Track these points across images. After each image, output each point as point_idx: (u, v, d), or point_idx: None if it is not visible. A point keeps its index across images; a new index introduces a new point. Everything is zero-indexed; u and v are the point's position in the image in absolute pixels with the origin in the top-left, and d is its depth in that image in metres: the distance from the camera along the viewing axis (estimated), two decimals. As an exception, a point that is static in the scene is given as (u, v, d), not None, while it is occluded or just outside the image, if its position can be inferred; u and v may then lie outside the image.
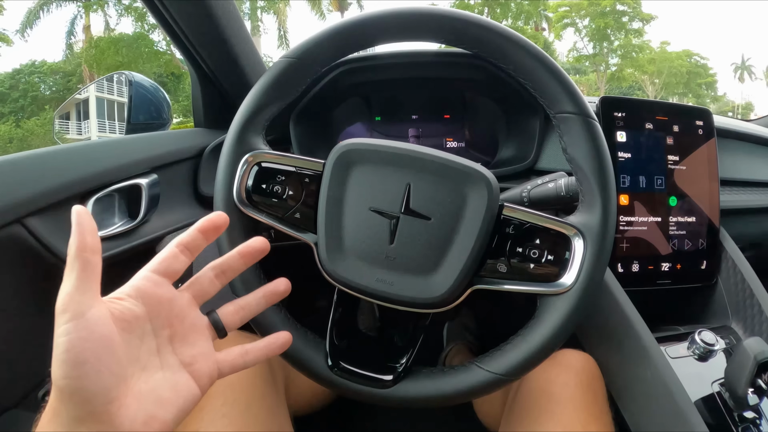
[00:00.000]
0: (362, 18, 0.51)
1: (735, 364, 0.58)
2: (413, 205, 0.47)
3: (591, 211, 0.48)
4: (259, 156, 0.50)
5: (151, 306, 0.36)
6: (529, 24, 22.69)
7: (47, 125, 17.66)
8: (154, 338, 0.36)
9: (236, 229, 0.50)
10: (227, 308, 0.41)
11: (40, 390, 0.59)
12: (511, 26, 21.15)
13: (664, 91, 24.87)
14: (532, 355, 0.47)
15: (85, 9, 17.30)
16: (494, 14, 21.42)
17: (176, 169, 0.75)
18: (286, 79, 0.52)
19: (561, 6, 23.00)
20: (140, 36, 16.78)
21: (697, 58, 24.84)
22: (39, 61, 20.71)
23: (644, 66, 23.33)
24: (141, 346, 0.35)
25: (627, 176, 0.77)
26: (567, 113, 0.49)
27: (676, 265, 0.79)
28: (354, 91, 0.89)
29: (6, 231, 0.49)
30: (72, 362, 0.30)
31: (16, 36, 17.11)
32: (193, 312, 0.39)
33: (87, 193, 0.59)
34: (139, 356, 0.35)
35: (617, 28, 22.61)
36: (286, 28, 20.20)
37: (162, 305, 0.36)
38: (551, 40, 25.01)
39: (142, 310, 0.35)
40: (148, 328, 0.36)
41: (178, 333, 0.38)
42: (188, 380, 0.36)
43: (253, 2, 19.17)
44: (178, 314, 0.38)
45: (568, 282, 0.46)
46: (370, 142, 0.49)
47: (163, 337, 0.37)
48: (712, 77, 25.61)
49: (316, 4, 20.25)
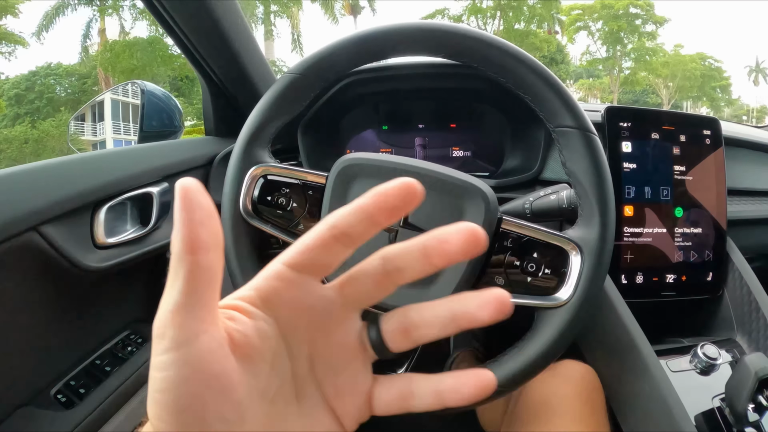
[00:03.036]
0: (366, 34, 0.53)
1: (736, 379, 0.58)
2: (412, 218, 0.48)
3: (589, 226, 0.48)
4: (264, 169, 0.52)
5: (284, 317, 0.25)
6: (542, 27, 22.58)
7: (62, 127, 17.85)
8: (289, 361, 0.25)
9: (242, 239, 0.51)
10: (392, 322, 0.26)
11: (52, 388, 0.61)
12: (524, 29, 21.20)
13: (678, 95, 24.62)
14: (529, 367, 0.48)
15: (100, 13, 17.47)
16: (507, 18, 21.32)
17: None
18: (291, 94, 0.53)
19: (574, 9, 22.85)
20: (155, 40, 16.91)
21: (711, 61, 24.51)
22: (55, 64, 20.93)
23: (658, 69, 23.09)
24: (271, 374, 0.24)
25: (632, 187, 0.77)
26: (566, 127, 0.49)
27: (681, 277, 0.78)
28: (362, 100, 0.90)
29: (21, 238, 0.51)
30: (169, 407, 0.21)
31: (32, 38, 17.33)
32: (346, 323, 0.26)
33: (100, 201, 0.60)
34: (267, 388, 0.24)
35: (630, 31, 22.41)
36: (299, 32, 20.25)
37: (300, 314, 0.25)
38: (564, 43, 24.93)
39: (272, 326, 0.24)
40: (282, 349, 0.25)
41: (322, 353, 0.26)
42: (329, 422, 0.25)
43: (267, 7, 19.26)
44: (322, 327, 0.26)
45: (564, 296, 0.47)
46: (370, 157, 0.50)
47: (302, 358, 0.25)
48: (727, 80, 25.24)
49: (329, 8, 20.30)
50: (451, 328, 0.24)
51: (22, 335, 0.56)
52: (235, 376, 0.22)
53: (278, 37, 20.15)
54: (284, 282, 0.24)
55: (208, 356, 0.21)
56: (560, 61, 25.06)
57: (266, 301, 0.24)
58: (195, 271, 0.20)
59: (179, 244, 0.20)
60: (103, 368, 0.66)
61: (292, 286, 0.24)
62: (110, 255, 0.61)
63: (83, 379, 0.63)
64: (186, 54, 0.79)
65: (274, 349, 0.24)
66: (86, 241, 0.59)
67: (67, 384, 0.62)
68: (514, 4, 21.00)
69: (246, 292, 0.24)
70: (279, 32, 20.40)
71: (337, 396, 0.26)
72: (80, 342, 0.65)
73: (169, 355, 0.20)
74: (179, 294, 0.20)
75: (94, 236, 0.60)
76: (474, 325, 0.24)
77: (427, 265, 0.24)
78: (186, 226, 0.20)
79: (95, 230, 0.60)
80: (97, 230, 0.60)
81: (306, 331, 0.25)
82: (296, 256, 0.24)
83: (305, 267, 0.24)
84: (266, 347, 0.24)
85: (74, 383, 0.63)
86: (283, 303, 0.24)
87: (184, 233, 0.20)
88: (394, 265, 0.25)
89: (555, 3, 21.83)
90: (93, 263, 0.58)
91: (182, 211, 0.20)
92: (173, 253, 0.21)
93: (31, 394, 0.59)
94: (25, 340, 0.57)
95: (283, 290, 0.24)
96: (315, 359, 0.26)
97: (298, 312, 0.25)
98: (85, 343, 0.65)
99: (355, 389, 0.26)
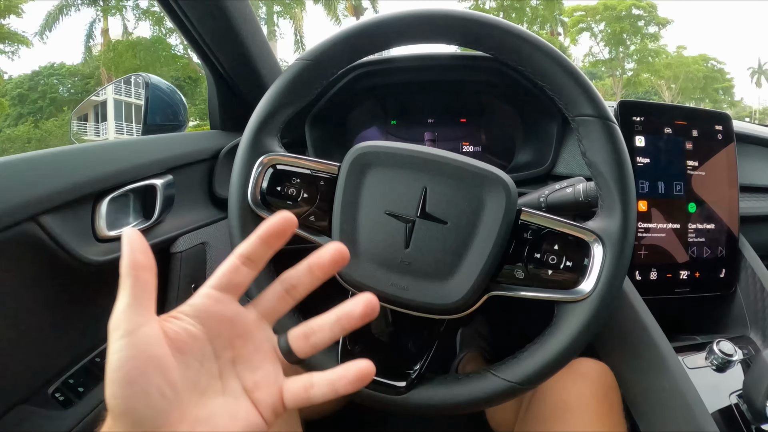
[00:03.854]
0: (378, 20, 0.51)
1: (753, 375, 0.58)
2: (429, 208, 0.46)
3: (611, 217, 0.47)
4: (274, 158, 0.50)
5: (211, 325, 0.33)
6: (545, 28, 22.62)
7: (65, 126, 17.95)
8: (216, 361, 0.33)
9: (250, 230, 0.50)
10: (296, 331, 0.35)
11: (50, 386, 0.59)
12: (526, 31, 21.22)
13: (681, 96, 24.65)
14: (549, 364, 0.47)
15: (104, 13, 17.56)
16: (509, 19, 21.27)
17: (191, 171, 0.75)
18: (302, 81, 0.52)
19: (577, 10, 22.93)
20: (158, 40, 17.00)
21: (713, 62, 24.60)
22: (58, 63, 21.14)
23: (660, 71, 23.15)
24: (201, 369, 0.32)
25: (646, 182, 0.76)
26: (586, 116, 0.48)
27: (694, 273, 0.78)
28: (370, 94, 0.90)
29: (20, 228, 0.50)
30: (120, 381, 0.28)
31: (35, 38, 17.41)
32: (259, 332, 0.35)
33: (102, 193, 0.59)
34: (198, 380, 0.32)
35: (633, 32, 22.47)
36: (302, 33, 20.33)
37: (223, 324, 0.33)
38: (567, 44, 24.93)
39: (200, 330, 0.32)
40: (209, 350, 0.33)
41: (242, 355, 0.34)
42: (249, 408, 0.33)
43: (270, 7, 19.33)
44: (241, 334, 0.34)
45: (586, 289, 0.46)
46: (386, 145, 0.49)
47: (226, 359, 0.34)
48: (729, 82, 25.33)
49: (331, 8, 20.36)
50: (337, 329, 0.34)
51: (18, 330, 0.55)
52: (169, 360, 0.30)
53: (281, 38, 20.30)
54: (210, 299, 0.33)
55: (149, 341, 0.29)
56: (563, 62, 25.09)
57: (197, 312, 0.32)
58: (136, 281, 0.30)
59: (126, 263, 0.30)
60: (102, 366, 0.64)
61: (216, 302, 0.33)
62: (112, 248, 0.60)
63: (82, 377, 0.62)
64: (193, 45, 0.78)
65: (203, 350, 0.32)
66: (87, 233, 0.58)
67: (65, 382, 0.61)
68: (516, 5, 21.09)
69: (183, 307, 0.33)
70: (282, 33, 20.50)
71: (255, 389, 0.33)
72: (79, 338, 0.63)
73: (121, 341, 0.28)
74: (128, 297, 0.29)
75: (96, 229, 0.59)
76: (352, 322, 0.33)
77: (313, 278, 0.34)
78: (131, 252, 0.30)
79: (97, 222, 0.58)
80: (98, 222, 0.59)
81: (228, 338, 0.33)
82: (216, 280, 0.33)
83: (224, 287, 0.33)
84: (196, 346, 0.32)
85: (73, 381, 0.61)
86: (209, 315, 0.33)
87: (130, 257, 0.30)
88: (289, 283, 0.35)
89: (558, 4, 21.91)
90: (94, 256, 0.57)
91: (127, 244, 0.30)
92: (122, 274, 0.30)
93: (29, 392, 0.57)
94: (22, 336, 0.55)
95: (210, 306, 0.33)
96: (236, 360, 0.34)
97: (221, 322, 0.33)
98: (86, 339, 0.64)
99: (268, 384, 0.34)
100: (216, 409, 0.31)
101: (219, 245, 0.78)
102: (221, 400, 0.32)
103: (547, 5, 21.40)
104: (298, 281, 0.35)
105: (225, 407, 0.32)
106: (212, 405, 0.32)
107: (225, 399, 0.32)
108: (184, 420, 0.30)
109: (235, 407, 0.32)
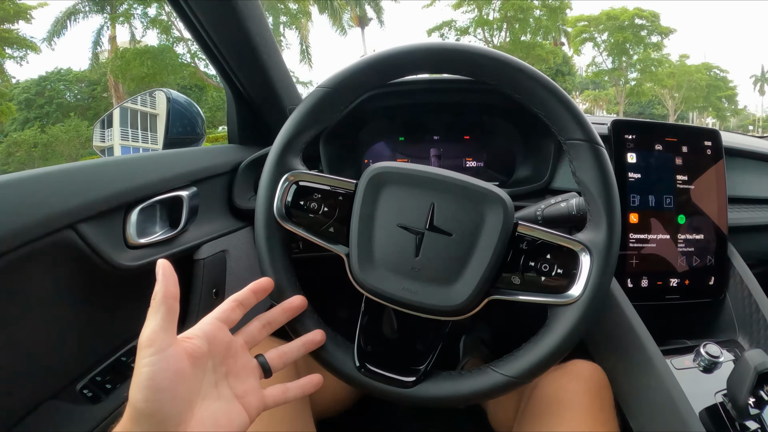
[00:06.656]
0: (393, 52, 0.56)
1: (736, 374, 0.60)
2: (437, 222, 0.52)
3: (597, 230, 0.52)
4: (297, 176, 0.56)
5: (213, 346, 0.44)
6: (548, 39, 22.59)
7: (71, 132, 17.94)
8: (214, 373, 0.44)
9: (275, 240, 0.55)
10: (272, 353, 0.50)
11: (78, 383, 0.61)
12: (530, 41, 21.14)
13: (684, 105, 24.46)
14: (543, 360, 0.51)
15: (111, 20, 17.54)
16: (513, 29, 21.33)
17: (213, 183, 0.79)
18: (322, 107, 0.57)
19: (579, 20, 22.78)
20: (165, 48, 16.93)
21: (716, 71, 24.29)
22: (65, 69, 21.13)
23: (664, 80, 22.96)
24: (204, 379, 0.43)
25: (637, 196, 0.80)
26: (576, 140, 0.53)
27: (684, 281, 0.81)
28: (380, 113, 0.95)
29: (59, 235, 0.52)
30: (153, 388, 0.37)
31: (43, 44, 17.43)
32: (244, 354, 0.48)
33: (133, 203, 0.62)
34: (201, 387, 0.42)
35: (636, 42, 22.31)
36: (308, 44, 20.32)
37: (221, 346, 0.45)
38: (570, 54, 24.87)
39: (207, 349, 0.43)
40: (210, 365, 0.44)
41: (232, 370, 0.46)
42: (240, 410, 0.44)
43: (276, 18, 19.30)
44: (233, 355, 0.46)
45: (576, 293, 0.51)
46: (398, 166, 0.54)
47: (221, 372, 0.45)
48: (732, 90, 25.01)
49: (337, 19, 20.36)
50: (303, 350, 0.52)
51: (52, 329, 0.57)
52: (189, 371, 0.40)
53: (288, 48, 20.23)
54: (215, 327, 0.45)
55: (176, 357, 0.39)
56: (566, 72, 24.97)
57: (206, 335, 0.44)
58: (169, 309, 0.40)
59: (161, 293, 0.40)
60: (129, 365, 0.66)
61: (218, 329, 0.45)
62: (141, 255, 0.63)
63: (109, 374, 0.64)
64: (214, 64, 0.82)
65: (207, 364, 0.43)
66: (119, 240, 0.61)
67: (93, 379, 0.63)
68: (520, 16, 20.99)
69: (194, 329, 0.44)
70: (289, 43, 20.44)
71: (243, 395, 0.45)
72: (108, 338, 0.66)
73: (154, 357, 0.37)
74: (160, 320, 0.39)
75: (126, 236, 0.62)
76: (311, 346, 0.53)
77: (284, 316, 0.52)
78: (166, 284, 0.41)
79: (127, 231, 0.61)
80: (129, 230, 0.62)
81: (223, 357, 0.45)
82: (220, 314, 0.46)
83: (224, 320, 0.46)
84: (203, 360, 0.43)
85: (100, 378, 0.63)
86: (213, 338, 0.44)
87: (165, 288, 0.40)
88: (266, 320, 0.51)
89: (561, 15, 21.79)
90: (125, 262, 0.60)
91: (162, 276, 0.41)
92: (156, 298, 0.40)
93: (58, 388, 0.60)
94: (56, 334, 0.58)
95: (215, 331, 0.45)
96: (228, 373, 0.45)
97: (220, 345, 0.45)
98: (113, 339, 0.66)
99: (253, 391, 0.46)
100: (215, 410, 0.42)
101: (238, 253, 0.81)
102: (218, 404, 0.43)
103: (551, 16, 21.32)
104: (272, 319, 0.51)
105: (222, 409, 0.43)
106: (212, 407, 0.42)
107: (220, 403, 0.43)
108: (192, 418, 0.40)
109: (229, 409, 0.43)
